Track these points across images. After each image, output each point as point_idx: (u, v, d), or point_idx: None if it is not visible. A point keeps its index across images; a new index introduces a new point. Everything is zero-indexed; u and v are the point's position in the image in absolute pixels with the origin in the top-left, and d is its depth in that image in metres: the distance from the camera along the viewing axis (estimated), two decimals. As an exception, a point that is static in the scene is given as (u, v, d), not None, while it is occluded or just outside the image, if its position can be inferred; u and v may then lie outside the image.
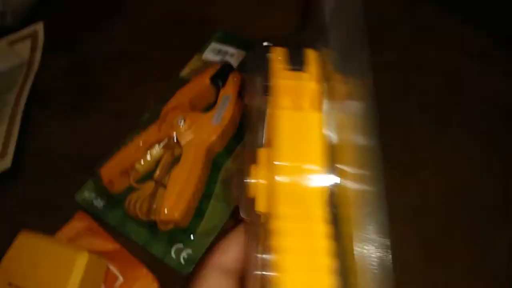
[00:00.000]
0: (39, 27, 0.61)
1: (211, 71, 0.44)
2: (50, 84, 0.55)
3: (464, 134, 0.42)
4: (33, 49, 0.59)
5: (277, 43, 0.26)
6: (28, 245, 0.35)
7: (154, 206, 0.39)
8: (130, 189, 0.41)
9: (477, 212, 0.37)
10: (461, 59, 0.47)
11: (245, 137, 0.25)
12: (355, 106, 0.24)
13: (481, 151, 0.41)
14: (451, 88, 0.45)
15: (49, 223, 0.43)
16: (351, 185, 0.22)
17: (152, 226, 0.39)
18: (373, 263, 0.22)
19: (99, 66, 0.56)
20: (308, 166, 0.22)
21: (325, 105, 0.24)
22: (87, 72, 0.55)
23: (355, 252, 0.22)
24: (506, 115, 0.42)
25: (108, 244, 0.40)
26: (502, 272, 0.34)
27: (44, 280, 0.34)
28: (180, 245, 0.39)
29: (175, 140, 0.41)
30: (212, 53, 0.51)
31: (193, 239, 0.39)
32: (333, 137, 0.24)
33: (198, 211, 0.40)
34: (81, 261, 0.34)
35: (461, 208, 0.38)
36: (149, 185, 0.41)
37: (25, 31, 0.61)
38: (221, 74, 0.44)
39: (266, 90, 0.25)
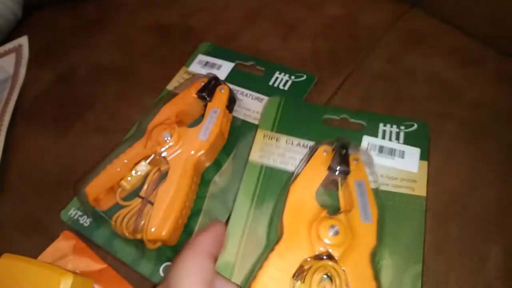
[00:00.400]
0: (24, 41, 0.60)
1: (198, 85, 0.43)
2: (35, 99, 0.54)
3: (458, 141, 0.42)
4: (17, 63, 0.58)
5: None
6: (10, 269, 0.34)
7: (142, 224, 0.38)
8: (117, 207, 0.40)
9: (471, 221, 0.37)
10: (452, 67, 0.47)
11: None
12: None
13: (474, 159, 0.40)
14: (442, 96, 0.45)
15: (35, 242, 0.42)
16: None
17: (139, 244, 0.38)
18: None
19: (84, 79, 0.55)
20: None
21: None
22: (72, 86, 0.55)
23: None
24: (499, 122, 0.42)
25: (95, 264, 0.39)
26: (498, 282, 0.34)
27: (27, 304, 0.33)
28: (169, 264, 0.38)
29: (162, 156, 0.40)
30: (199, 65, 0.51)
31: (182, 257, 0.38)
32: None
33: (187, 228, 0.39)
34: (66, 284, 0.33)
35: (455, 217, 0.37)
36: (136, 203, 0.40)
37: (9, 45, 0.60)
38: (208, 88, 0.43)
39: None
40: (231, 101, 0.44)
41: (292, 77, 0.47)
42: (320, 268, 0.30)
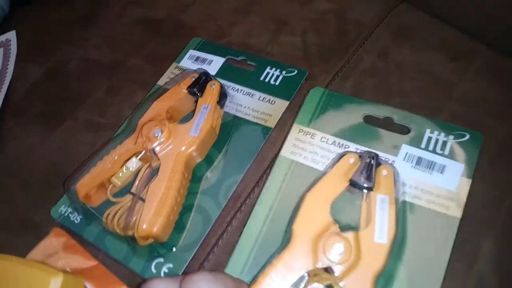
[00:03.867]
0: (12, 36, 0.59)
1: (188, 80, 0.43)
2: (23, 95, 0.54)
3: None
4: (5, 58, 0.57)
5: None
6: (-1, 268, 0.34)
7: (133, 220, 0.38)
8: (108, 203, 0.40)
9: (463, 218, 0.37)
10: (442, 62, 0.47)
11: None
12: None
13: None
14: (433, 90, 0.45)
15: (25, 240, 0.41)
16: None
17: (131, 240, 0.38)
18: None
19: (74, 75, 0.54)
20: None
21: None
22: (62, 82, 0.54)
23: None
24: (489, 116, 0.42)
25: (86, 261, 0.39)
26: (489, 274, 0.34)
27: (17, 305, 0.32)
28: (161, 260, 0.38)
29: (153, 152, 0.39)
30: (189, 60, 0.50)
31: (174, 253, 0.38)
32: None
33: (179, 224, 0.39)
34: (55, 283, 0.32)
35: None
36: (127, 199, 0.40)
37: (-3, 40, 0.59)
38: (199, 83, 0.43)
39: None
40: (222, 97, 0.44)
41: (283, 72, 0.47)
42: (322, 279, 0.31)
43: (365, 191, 0.35)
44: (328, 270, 0.31)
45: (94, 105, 0.51)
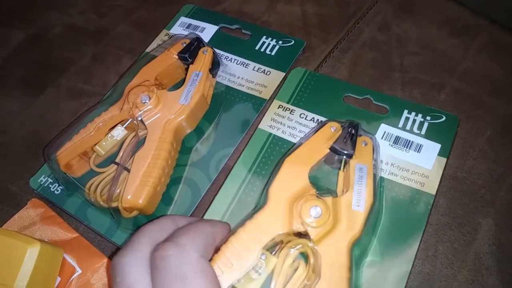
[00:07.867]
0: (-8, -1, 0.56)
1: (179, 46, 0.41)
2: (4, 61, 0.51)
3: (449, 112, 0.40)
4: (-15, 22, 0.54)
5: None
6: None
7: (117, 191, 0.36)
8: (91, 174, 0.38)
9: (462, 193, 0.36)
10: (445, 38, 0.45)
11: None
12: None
13: (466, 130, 0.39)
14: (434, 65, 0.43)
15: (2, 210, 0.39)
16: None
17: (114, 213, 0.35)
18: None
19: (58, 41, 0.52)
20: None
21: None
22: (45, 48, 0.51)
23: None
24: (491, 92, 0.41)
25: (65, 233, 0.36)
26: (488, 255, 0.33)
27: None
28: (146, 234, 0.36)
29: (139, 120, 0.37)
30: (180, 27, 0.48)
31: (160, 227, 0.36)
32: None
33: (166, 197, 0.37)
34: (32, 252, 0.30)
35: (445, 189, 0.36)
36: (112, 169, 0.37)
37: (-23, 3, 0.56)
38: (190, 49, 0.40)
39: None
40: (215, 65, 0.41)
41: (280, 42, 0.45)
42: (297, 246, 0.29)
43: (344, 158, 0.34)
44: (303, 234, 0.30)
45: (78, 73, 0.48)
